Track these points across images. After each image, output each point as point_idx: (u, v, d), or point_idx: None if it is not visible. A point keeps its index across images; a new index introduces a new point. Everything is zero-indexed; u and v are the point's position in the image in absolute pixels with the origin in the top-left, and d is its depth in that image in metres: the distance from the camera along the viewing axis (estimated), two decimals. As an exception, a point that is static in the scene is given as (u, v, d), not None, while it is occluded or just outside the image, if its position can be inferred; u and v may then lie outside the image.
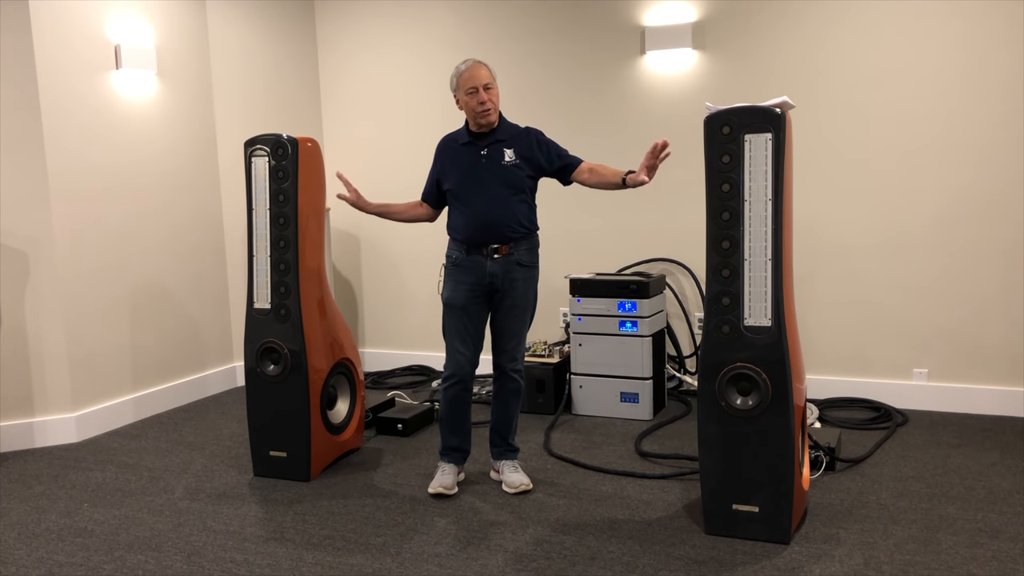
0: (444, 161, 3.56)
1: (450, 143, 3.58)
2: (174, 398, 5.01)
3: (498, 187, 3.44)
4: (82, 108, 4.43)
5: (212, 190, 5.27)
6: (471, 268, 3.45)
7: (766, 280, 2.90)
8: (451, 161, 3.53)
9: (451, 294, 3.49)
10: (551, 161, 3.50)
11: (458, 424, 3.59)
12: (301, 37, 5.71)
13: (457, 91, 3.45)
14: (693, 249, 4.91)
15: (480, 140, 3.49)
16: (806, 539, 3.01)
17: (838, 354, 4.69)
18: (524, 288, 3.51)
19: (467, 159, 3.48)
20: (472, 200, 3.45)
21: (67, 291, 4.36)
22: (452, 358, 3.50)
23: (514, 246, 3.46)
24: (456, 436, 3.60)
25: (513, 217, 3.44)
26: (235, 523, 3.31)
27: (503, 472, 3.62)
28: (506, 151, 3.47)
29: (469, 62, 3.44)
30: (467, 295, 3.46)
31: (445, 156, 3.57)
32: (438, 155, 3.60)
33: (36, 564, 3.01)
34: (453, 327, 3.49)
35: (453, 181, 3.51)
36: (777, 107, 2.88)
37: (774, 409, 2.90)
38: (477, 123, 3.47)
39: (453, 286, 3.49)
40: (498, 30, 5.25)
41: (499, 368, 3.58)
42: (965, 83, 4.31)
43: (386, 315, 5.79)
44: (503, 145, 3.48)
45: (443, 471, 3.61)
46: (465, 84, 3.40)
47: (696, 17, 4.78)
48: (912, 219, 4.48)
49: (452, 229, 3.52)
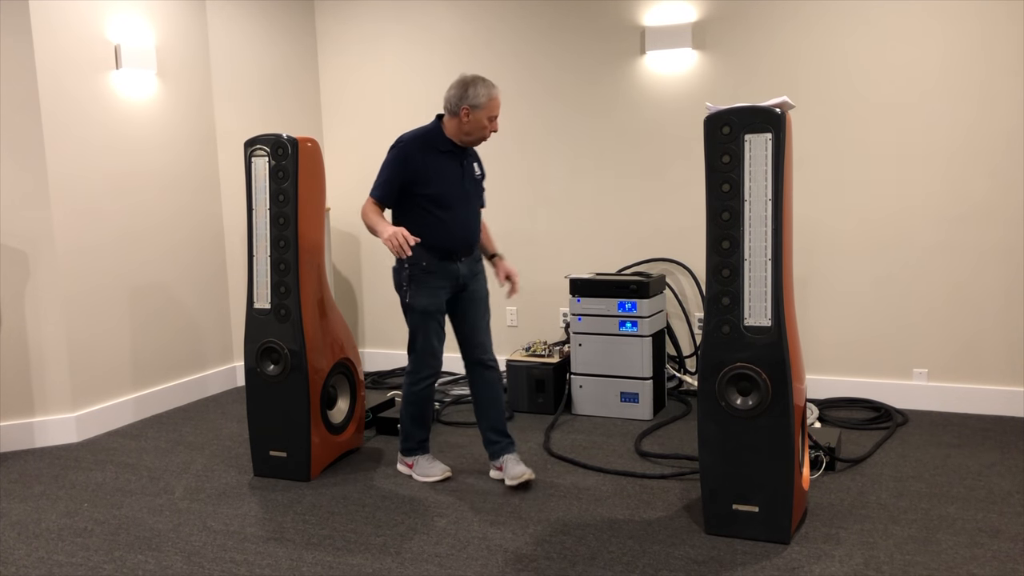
0: (422, 165, 3.47)
1: (427, 147, 3.50)
2: (174, 398, 5.01)
3: (474, 199, 3.64)
4: (82, 108, 4.43)
5: (212, 190, 5.27)
6: (444, 274, 3.53)
7: (766, 280, 2.90)
8: (434, 167, 3.49)
9: (430, 301, 3.53)
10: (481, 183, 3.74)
11: (426, 417, 3.75)
12: (301, 37, 5.71)
13: (477, 109, 3.43)
14: (693, 249, 4.91)
15: (459, 152, 3.56)
16: (806, 539, 3.01)
17: (838, 354, 4.70)
18: (483, 280, 3.70)
19: (454, 170, 3.53)
20: (457, 210, 3.52)
21: (67, 291, 4.36)
22: (431, 359, 3.62)
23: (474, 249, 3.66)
24: (424, 429, 3.76)
25: (479, 227, 3.68)
26: (235, 523, 3.31)
27: (507, 466, 3.62)
28: (475, 166, 3.66)
29: (494, 88, 3.47)
30: (442, 300, 3.57)
31: (424, 160, 3.48)
32: (410, 156, 3.47)
33: (36, 564, 3.01)
34: (432, 331, 3.57)
35: (439, 188, 3.48)
36: (777, 107, 2.88)
37: (774, 409, 2.90)
38: (466, 141, 3.52)
39: (431, 292, 3.52)
40: (498, 30, 5.25)
41: (478, 363, 3.66)
42: (966, 83, 4.31)
43: (386, 315, 5.79)
44: (472, 160, 3.64)
45: (430, 460, 3.77)
46: (491, 109, 3.45)
47: (696, 17, 4.78)
48: (912, 219, 4.48)
49: (427, 235, 3.44)
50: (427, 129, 3.55)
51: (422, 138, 3.52)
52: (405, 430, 3.75)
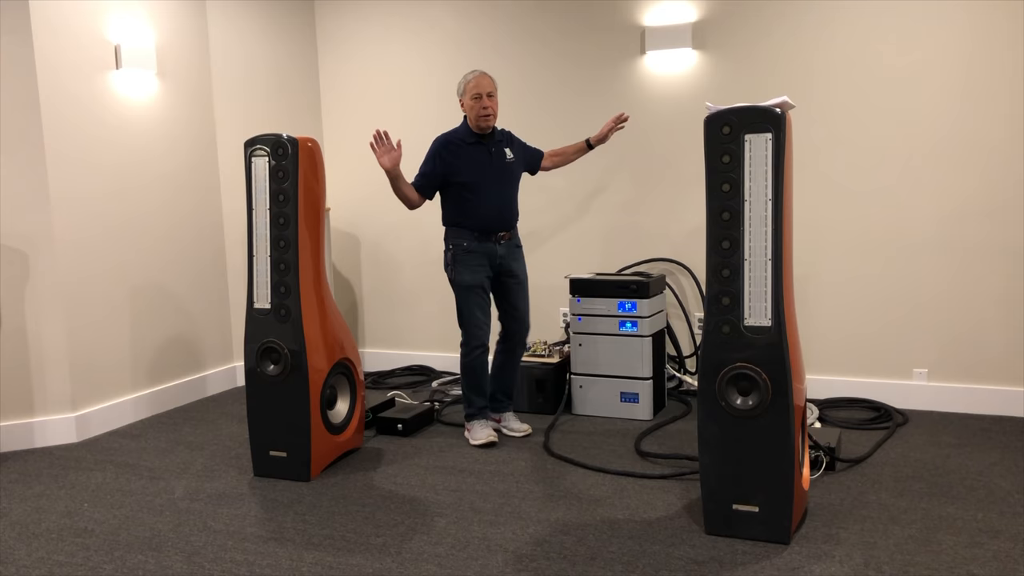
0: (453, 158, 4.00)
1: (454, 142, 4.03)
2: (174, 398, 5.01)
3: (505, 182, 4.08)
4: (82, 108, 4.43)
5: (212, 190, 5.27)
6: (483, 253, 4.05)
7: (766, 280, 2.90)
8: (463, 158, 4.01)
9: (470, 276, 4.04)
10: (530, 157, 4.26)
11: (482, 385, 4.18)
12: (301, 37, 5.71)
13: (463, 96, 3.99)
14: (693, 249, 4.91)
15: (485, 140, 4.04)
16: (806, 539, 3.01)
17: (838, 354, 4.70)
18: (522, 264, 4.22)
19: (480, 157, 4.02)
20: (487, 193, 4.01)
21: (67, 291, 4.36)
22: (476, 329, 4.08)
23: (513, 232, 4.15)
24: (482, 396, 4.20)
25: (515, 207, 4.15)
26: (235, 523, 3.31)
27: (507, 421, 4.29)
28: (506, 151, 4.11)
29: (476, 72, 3.99)
30: (482, 275, 4.07)
31: (453, 153, 4.01)
32: (441, 152, 4.02)
33: (36, 564, 3.01)
34: (474, 303, 4.06)
35: (469, 176, 4.00)
36: (777, 107, 2.88)
37: (774, 409, 2.90)
38: (478, 126, 4.00)
39: (472, 270, 4.04)
40: (498, 30, 5.25)
41: (512, 338, 4.24)
42: (967, 83, 4.31)
43: (386, 315, 5.79)
44: (503, 146, 4.10)
45: (481, 425, 4.17)
46: (471, 90, 3.94)
47: (696, 17, 4.78)
48: (912, 219, 4.48)
49: (463, 218, 4.03)
50: (456, 128, 4.10)
51: (449, 135, 4.07)
52: (465, 397, 4.22)
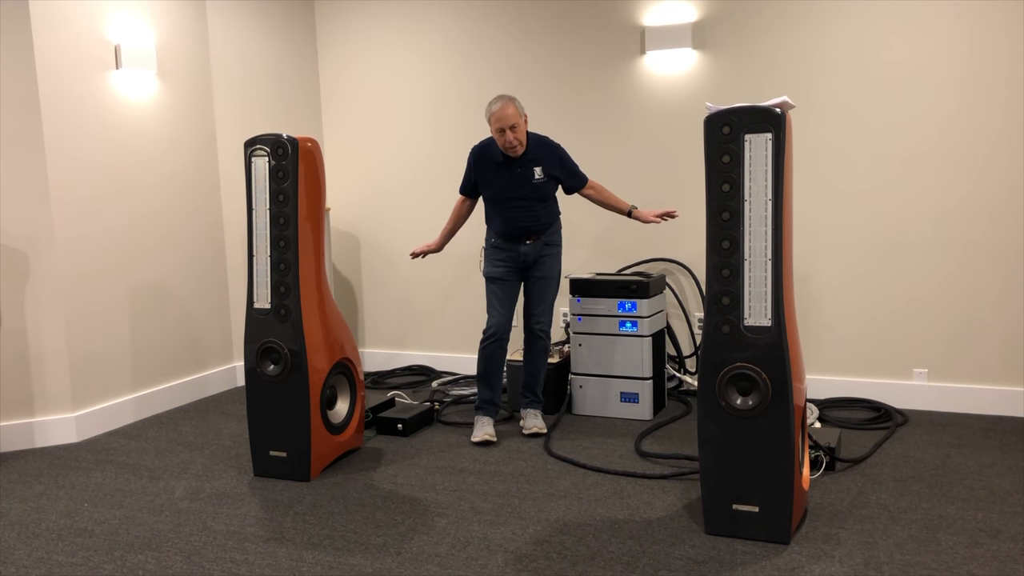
0: (480, 172, 4.17)
1: (485, 156, 4.16)
2: (174, 398, 5.01)
3: (528, 200, 4.12)
4: (82, 108, 4.44)
5: (212, 190, 5.27)
6: (507, 250, 4.18)
7: (766, 280, 2.90)
8: (488, 174, 4.14)
9: (491, 269, 4.21)
10: (567, 178, 4.23)
11: (493, 378, 4.21)
12: (301, 37, 5.71)
13: (489, 123, 4.03)
14: (693, 249, 4.91)
15: (513, 162, 4.09)
16: (806, 539, 3.01)
17: (838, 354, 4.70)
18: (551, 263, 4.25)
19: (504, 176, 4.10)
20: (508, 207, 4.12)
21: (67, 291, 4.36)
22: (490, 318, 4.17)
23: (543, 234, 4.20)
24: (490, 389, 4.21)
25: (540, 220, 4.17)
26: (235, 523, 3.31)
27: (526, 418, 4.29)
28: (535, 170, 4.11)
29: (499, 102, 3.97)
30: (504, 270, 4.18)
31: (481, 167, 4.17)
32: (474, 162, 4.20)
33: (36, 564, 3.01)
34: (492, 293, 4.19)
35: (492, 192, 4.15)
36: (777, 107, 2.88)
37: (774, 409, 2.90)
38: (506, 151, 4.05)
39: (493, 264, 4.21)
40: (498, 30, 5.25)
41: (529, 330, 4.28)
42: (967, 83, 4.31)
43: (386, 315, 5.79)
44: (532, 164, 4.11)
45: (481, 423, 4.19)
46: (495, 123, 3.98)
47: (696, 17, 4.78)
48: (912, 219, 4.48)
49: (490, 223, 4.22)
50: (488, 142, 4.17)
51: (482, 150, 4.19)
52: (477, 388, 4.27)
